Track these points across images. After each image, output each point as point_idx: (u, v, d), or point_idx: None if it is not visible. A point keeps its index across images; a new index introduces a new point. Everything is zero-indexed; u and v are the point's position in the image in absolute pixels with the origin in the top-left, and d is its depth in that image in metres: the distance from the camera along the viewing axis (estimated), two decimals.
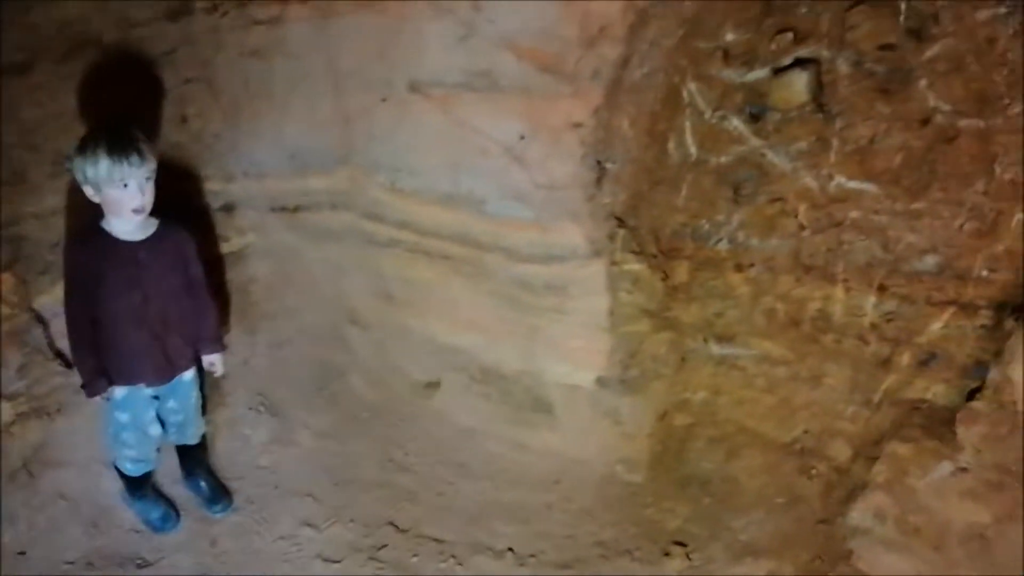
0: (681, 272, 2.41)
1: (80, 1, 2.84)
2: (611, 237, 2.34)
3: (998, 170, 1.93)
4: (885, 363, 2.20)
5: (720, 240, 2.36)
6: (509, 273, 2.48)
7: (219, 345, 2.59)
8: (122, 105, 3.18)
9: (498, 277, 2.51)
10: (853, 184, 2.15)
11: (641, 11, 2.05)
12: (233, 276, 3.32)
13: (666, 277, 2.41)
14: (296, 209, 3.02)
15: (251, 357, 3.30)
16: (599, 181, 2.28)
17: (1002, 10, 1.83)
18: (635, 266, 2.36)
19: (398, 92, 2.50)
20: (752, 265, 2.33)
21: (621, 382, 2.47)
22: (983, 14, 1.86)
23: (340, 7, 2.58)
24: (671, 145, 2.35)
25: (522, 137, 2.27)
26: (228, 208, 3.28)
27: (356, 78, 2.62)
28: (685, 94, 2.31)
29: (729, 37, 2.21)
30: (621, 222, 2.35)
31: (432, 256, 2.64)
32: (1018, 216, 1.93)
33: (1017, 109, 1.87)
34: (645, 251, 2.39)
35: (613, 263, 2.34)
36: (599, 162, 2.26)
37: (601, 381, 2.48)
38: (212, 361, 2.59)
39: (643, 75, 2.21)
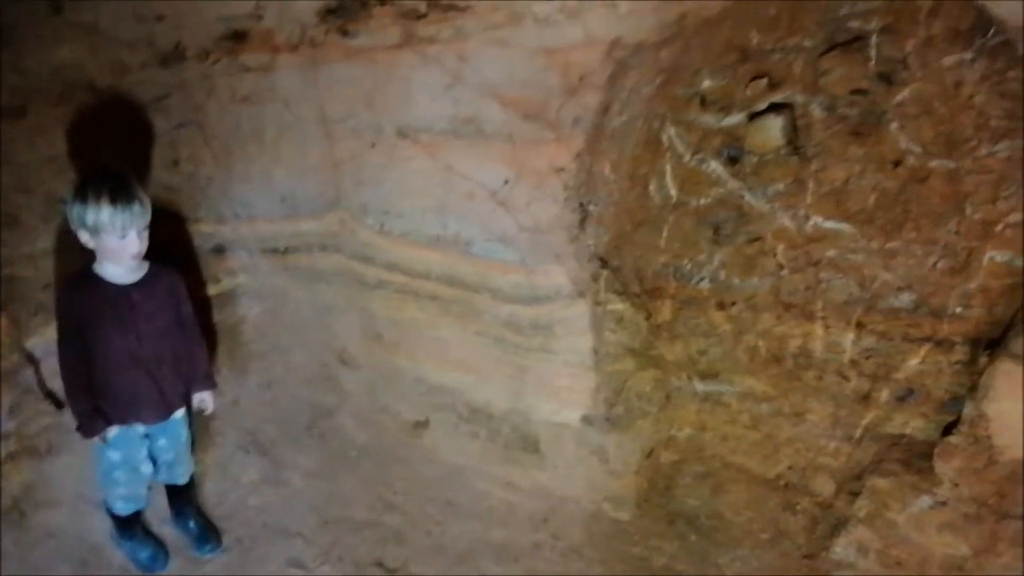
0: (664, 311, 2.40)
1: (74, 46, 2.87)
2: (595, 278, 2.34)
3: (968, 210, 1.95)
4: (865, 398, 2.19)
5: (702, 279, 2.36)
6: (496, 313, 2.47)
7: (210, 382, 2.57)
8: (115, 149, 3.19)
9: (485, 317, 2.50)
10: (829, 224, 2.16)
11: (620, 61, 2.08)
12: (223, 316, 3.30)
13: (650, 316, 2.40)
14: (286, 251, 3.01)
15: (241, 397, 3.26)
16: (582, 223, 2.28)
17: (968, 56, 1.86)
18: (619, 306, 2.36)
19: (387, 138, 2.51)
20: (734, 303, 2.33)
21: (607, 420, 2.45)
22: (950, 60, 1.89)
23: (330, 55, 2.60)
24: (652, 188, 2.37)
25: (507, 181, 2.28)
26: (219, 250, 3.27)
27: (346, 124, 2.63)
28: (665, 139, 2.32)
29: (706, 84, 2.23)
30: (604, 263, 2.35)
31: (420, 297, 2.63)
32: (989, 254, 1.94)
33: (985, 151, 1.90)
34: (629, 291, 2.39)
35: (597, 303, 2.34)
36: (582, 205, 2.27)
37: (587, 419, 2.46)
38: (203, 398, 2.56)
39: (623, 121, 2.23)
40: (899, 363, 2.11)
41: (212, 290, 3.29)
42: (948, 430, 2.05)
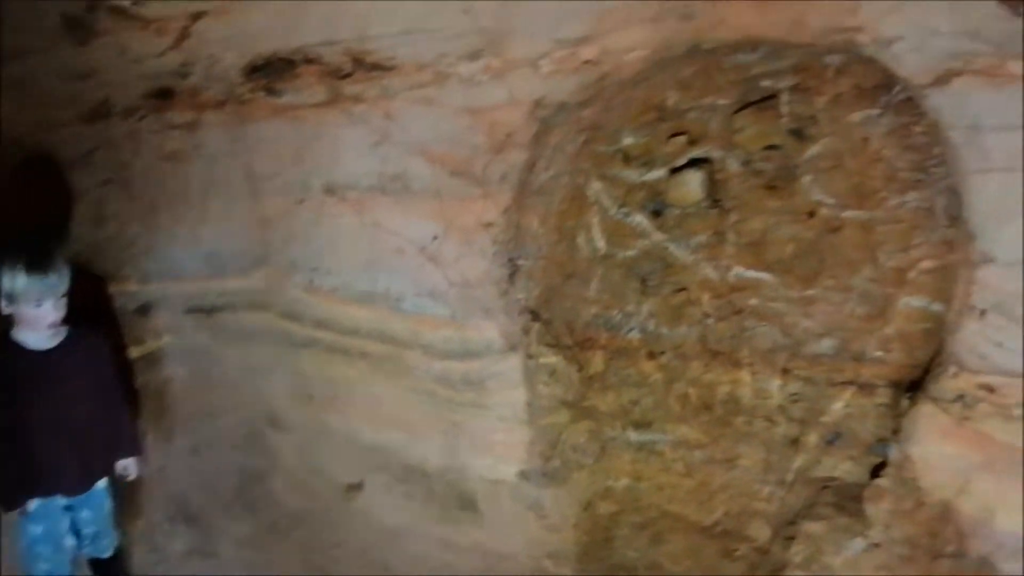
0: (596, 362, 2.39)
1: (2, 103, 2.79)
2: (526, 331, 2.31)
3: (882, 258, 2.00)
4: (794, 443, 2.20)
5: (632, 329, 2.36)
6: (428, 369, 2.42)
7: (134, 448, 2.51)
8: (40, 206, 3.08)
9: (418, 374, 2.45)
10: (750, 274, 2.20)
11: (543, 120, 2.10)
12: (149, 379, 3.16)
13: (582, 367, 2.38)
14: (213, 310, 2.91)
15: (168, 464, 3.10)
16: (512, 277, 2.27)
17: (874, 112, 1.94)
18: (551, 358, 2.34)
19: (314, 195, 2.47)
20: (663, 352, 2.33)
21: (543, 474, 2.40)
22: (857, 116, 1.97)
23: (256, 113, 2.56)
24: (580, 241, 2.37)
25: (435, 237, 2.26)
26: (144, 310, 3.15)
27: (273, 181, 2.58)
28: (590, 193, 2.34)
29: (627, 141, 2.27)
30: (535, 316, 2.33)
31: (351, 354, 2.56)
32: (904, 300, 1.99)
33: (895, 201, 1.97)
34: (560, 343, 2.37)
35: (529, 356, 2.31)
36: (511, 259, 2.26)
37: (524, 474, 2.41)
38: (126, 465, 2.51)
39: (549, 177, 2.24)
40: (825, 407, 2.13)
41: (136, 352, 3.16)
42: (876, 472, 2.07)
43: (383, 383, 2.52)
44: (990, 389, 1.77)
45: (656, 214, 2.30)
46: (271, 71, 2.46)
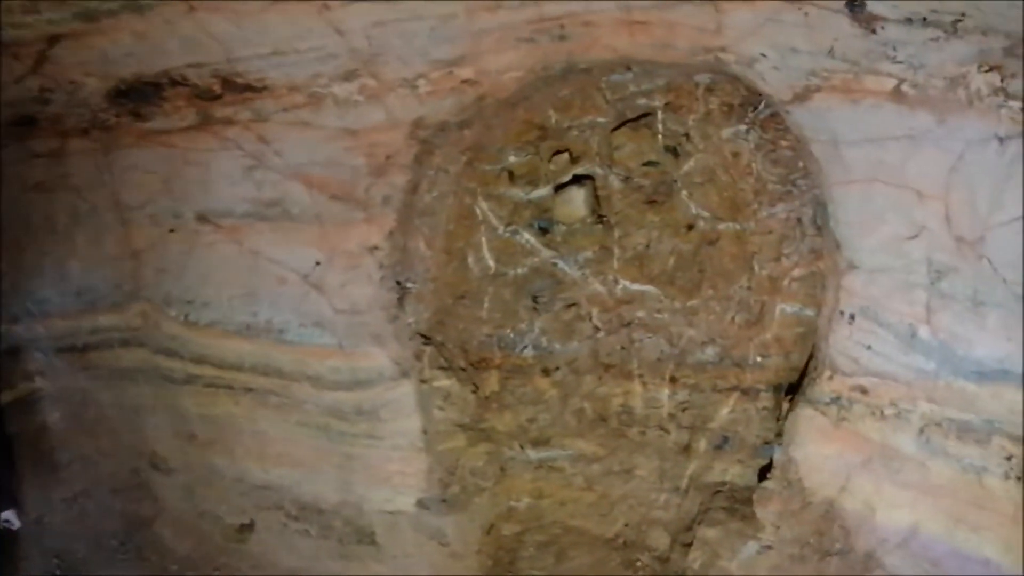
0: (491, 382, 2.31)
1: None
2: (418, 356, 2.22)
3: (757, 267, 2.03)
4: (686, 450, 2.21)
5: (525, 347, 2.30)
6: (317, 402, 2.28)
7: (9, 500, 2.37)
8: None
9: (306, 407, 2.30)
10: (636, 287, 2.20)
11: (424, 141, 2.03)
12: (22, 425, 2.87)
13: (477, 389, 2.30)
14: (85, 348, 2.66)
15: (45, 514, 2.82)
16: (401, 301, 2.17)
17: (742, 128, 1.96)
18: (445, 382, 2.25)
19: (187, 223, 2.30)
20: (557, 368, 2.29)
21: (443, 501, 2.30)
22: (726, 132, 1.99)
23: (123, 140, 2.37)
24: (470, 260, 2.30)
25: (318, 264, 2.14)
26: (13, 351, 2.86)
27: (143, 211, 2.39)
28: (478, 212, 2.28)
29: (512, 159, 2.22)
30: (427, 339, 2.24)
31: (235, 390, 2.39)
32: (780, 307, 2.02)
33: (765, 213, 1.99)
34: (454, 365, 2.28)
35: (423, 381, 2.21)
36: (399, 283, 2.16)
37: (423, 503, 2.30)
38: (7, 518, 2.33)
39: (434, 198, 2.16)
40: (712, 413, 2.15)
41: (7, 397, 2.86)
42: (763, 475, 2.09)
43: (270, 418, 2.36)
44: (863, 391, 1.81)
45: (544, 231, 2.26)
46: (136, 95, 2.28)
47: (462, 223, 2.28)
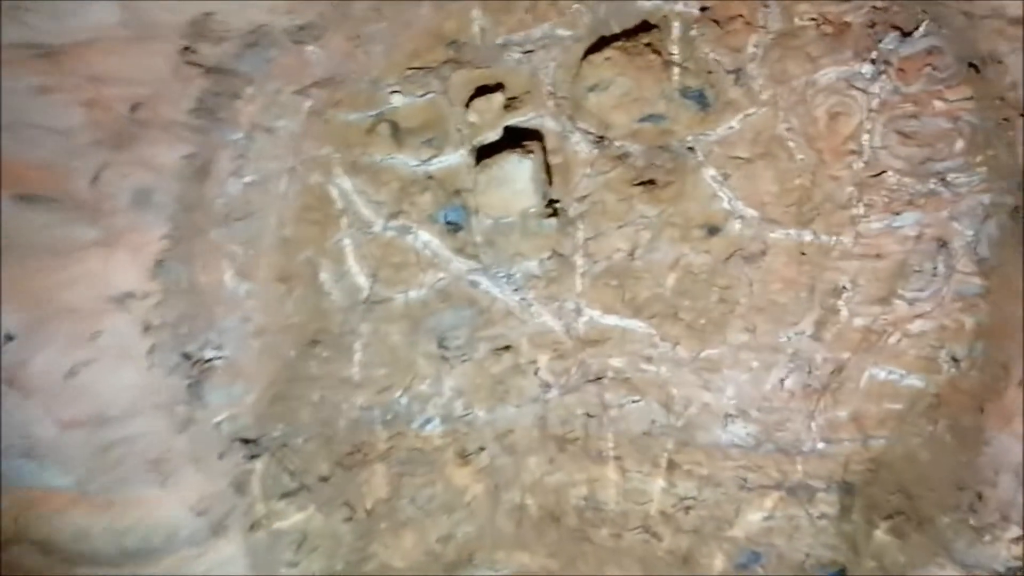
0: (376, 485, 1.35)
1: None
2: (240, 483, 1.16)
3: (839, 307, 1.18)
4: (686, 562, 1.40)
5: (429, 420, 1.37)
6: None
7: None
8: None
9: None
10: (612, 320, 1.35)
11: (217, 70, 0.91)
12: None
13: (353, 509, 1.31)
14: None
15: None
16: (196, 388, 1.09)
17: (863, 68, 1.05)
18: (295, 516, 1.22)
19: None
20: (482, 449, 1.39)
21: None
22: (827, 73, 1.08)
23: None
24: (325, 281, 1.28)
25: (9, 339, 0.99)
26: None
27: None
28: (335, 197, 1.24)
29: (397, 101, 1.17)
30: (254, 445, 1.18)
31: None
32: (870, 371, 1.20)
33: (876, 224, 1.11)
34: (308, 479, 1.26)
35: (254, 527, 1.18)
36: (188, 356, 1.08)
37: None
38: None
39: (248, 184, 1.06)
40: (734, 517, 1.36)
41: None
42: None
43: None
44: None
45: (455, 228, 1.29)
46: None
47: (307, 219, 1.25)
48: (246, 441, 1.22)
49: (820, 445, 1.29)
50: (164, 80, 0.96)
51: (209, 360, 1.16)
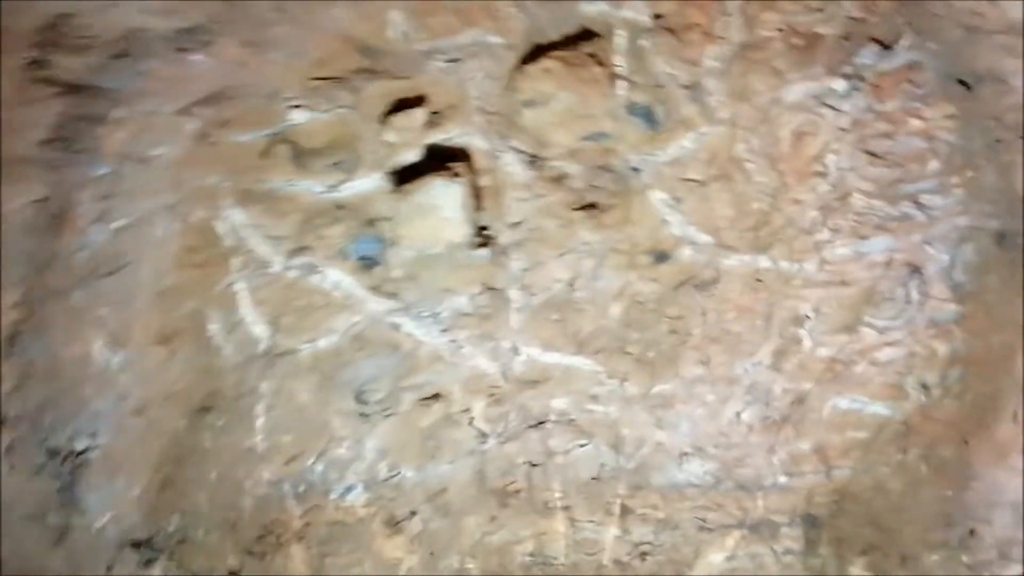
0: (295, 569, 1.14)
1: None
2: None
3: (801, 336, 1.10)
4: None
5: (350, 488, 1.19)
6: None
7: None
8: None
9: None
10: (552, 358, 1.22)
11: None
12: None
13: None
14: None
15: None
16: (69, 490, 0.88)
17: (836, 84, 0.97)
18: None
19: None
20: (413, 514, 1.21)
21: None
22: (795, 90, 0.99)
23: None
24: (214, 335, 1.08)
25: None
26: None
27: None
28: (224, 232, 1.02)
29: (297, 117, 0.99)
30: (148, 548, 0.97)
31: None
32: (832, 401, 1.13)
33: (841, 250, 1.04)
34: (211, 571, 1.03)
35: None
36: (53, 450, 0.88)
37: None
38: None
39: (118, 229, 0.83)
40: (694, 558, 1.25)
41: None
42: None
43: None
44: None
45: (368, 263, 1.10)
46: None
47: (190, 263, 1.05)
48: (137, 544, 1.00)
49: (782, 479, 1.21)
50: (6, 103, 0.71)
51: (82, 453, 0.94)
